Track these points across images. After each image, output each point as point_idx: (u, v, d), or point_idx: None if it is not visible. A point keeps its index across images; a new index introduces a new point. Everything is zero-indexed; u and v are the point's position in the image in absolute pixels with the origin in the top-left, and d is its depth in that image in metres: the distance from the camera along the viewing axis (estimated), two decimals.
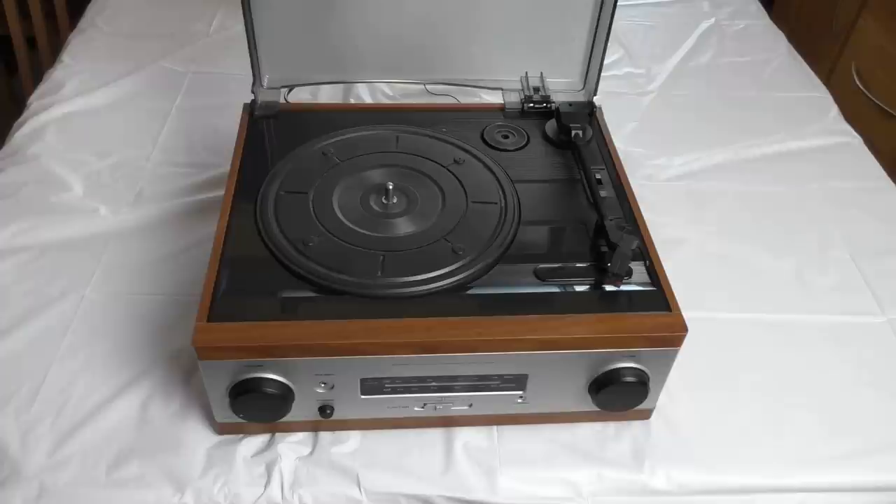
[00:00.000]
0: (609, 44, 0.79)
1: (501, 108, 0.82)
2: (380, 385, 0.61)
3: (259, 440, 0.64)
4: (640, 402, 0.63)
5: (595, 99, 0.82)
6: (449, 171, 0.73)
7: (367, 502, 0.62)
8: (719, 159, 0.97)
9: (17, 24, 1.37)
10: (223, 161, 0.82)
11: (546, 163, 0.76)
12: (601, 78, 0.81)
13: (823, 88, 1.11)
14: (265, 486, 0.61)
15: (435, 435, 0.65)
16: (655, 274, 0.63)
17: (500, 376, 0.61)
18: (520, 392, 0.63)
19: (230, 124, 0.77)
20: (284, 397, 0.59)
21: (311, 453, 0.63)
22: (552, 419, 0.66)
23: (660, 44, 1.19)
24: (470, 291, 0.62)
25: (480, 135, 0.78)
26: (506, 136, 0.78)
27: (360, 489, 0.62)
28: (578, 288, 0.62)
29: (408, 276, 0.61)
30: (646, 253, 0.65)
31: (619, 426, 0.67)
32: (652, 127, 1.02)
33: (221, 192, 0.69)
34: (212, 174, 0.89)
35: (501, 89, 0.83)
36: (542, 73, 0.84)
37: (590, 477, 0.63)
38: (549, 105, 0.82)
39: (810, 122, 1.04)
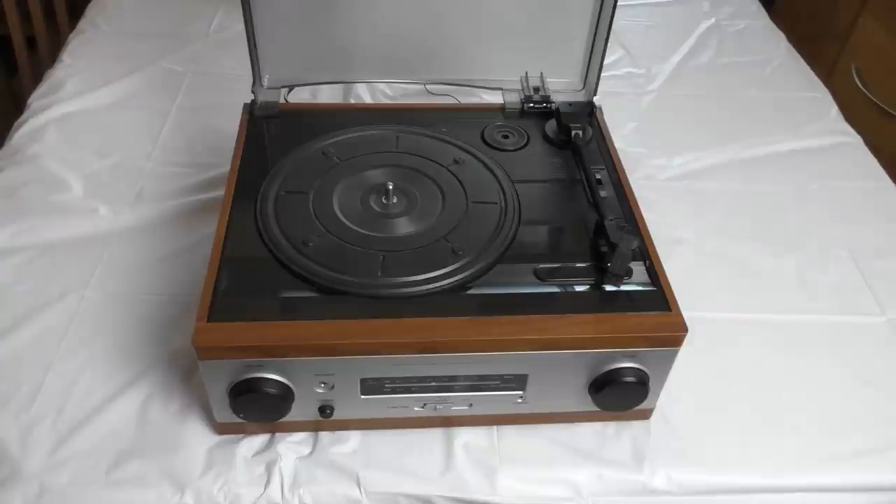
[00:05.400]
0: (609, 44, 0.79)
1: (501, 109, 0.82)
2: (380, 385, 0.61)
3: (259, 440, 0.64)
4: (640, 402, 0.63)
5: (595, 99, 0.82)
6: (449, 171, 0.73)
7: (367, 502, 0.62)
8: (719, 159, 0.97)
9: (17, 24, 1.36)
10: (223, 161, 0.82)
11: (546, 163, 0.76)
12: (601, 78, 0.81)
13: (823, 88, 1.11)
14: (265, 486, 0.61)
15: (435, 435, 0.65)
16: (655, 274, 0.63)
17: (500, 376, 0.61)
18: (520, 392, 0.63)
19: (230, 124, 0.77)
20: (284, 397, 0.59)
21: (311, 453, 0.63)
22: (552, 419, 0.66)
23: (660, 44, 1.19)
24: (470, 291, 0.62)
25: (480, 135, 0.78)
26: (506, 136, 0.78)
27: (360, 489, 0.62)
28: (578, 288, 0.62)
29: (408, 276, 0.61)
30: (646, 253, 0.65)
31: (619, 426, 0.67)
32: (652, 127, 1.02)
33: (221, 192, 0.69)
34: (212, 174, 0.89)
35: (501, 89, 0.83)
36: (542, 73, 0.84)
37: (590, 477, 0.63)
38: (549, 105, 0.82)
39: (810, 122, 1.04)
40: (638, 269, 0.63)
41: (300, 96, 0.84)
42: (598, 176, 0.71)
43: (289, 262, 0.62)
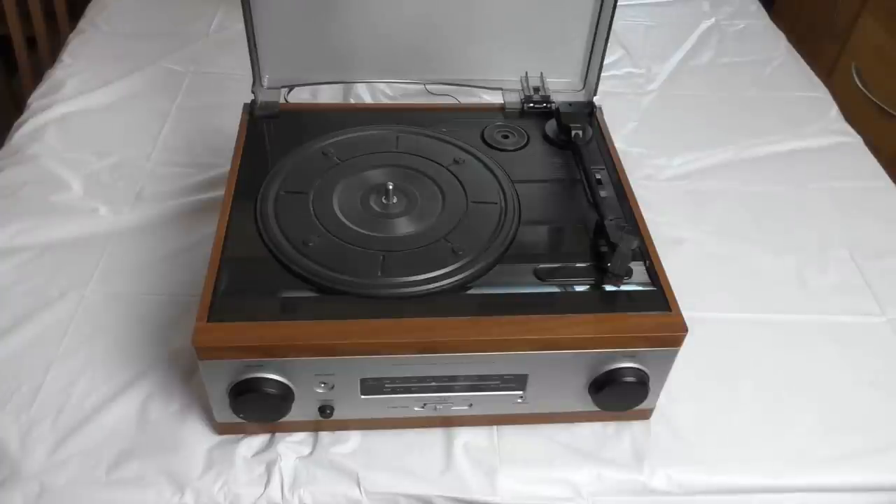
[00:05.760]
0: (609, 44, 0.79)
1: (501, 109, 0.82)
2: (380, 385, 0.61)
3: (259, 440, 0.64)
4: (640, 402, 0.63)
5: (595, 99, 0.82)
6: (449, 171, 0.73)
7: (367, 502, 0.62)
8: (719, 159, 0.97)
9: (17, 24, 1.36)
10: (223, 161, 0.82)
11: (546, 163, 0.76)
12: (601, 78, 0.81)
13: (823, 88, 1.11)
14: (265, 486, 0.61)
15: (435, 435, 0.65)
16: (655, 274, 0.63)
17: (500, 376, 0.61)
18: (520, 392, 0.63)
19: (230, 124, 0.77)
20: (284, 397, 0.59)
21: (311, 453, 0.63)
22: (552, 419, 0.66)
23: (660, 44, 1.19)
24: (470, 291, 0.62)
25: (480, 135, 0.78)
26: (506, 136, 0.78)
27: (360, 489, 0.62)
28: (578, 288, 0.62)
29: (408, 276, 0.61)
30: (646, 253, 0.65)
31: (619, 426, 0.67)
32: (652, 127, 1.02)
33: (221, 192, 0.69)
34: (212, 174, 0.89)
35: (501, 89, 0.83)
36: (542, 73, 0.84)
37: (590, 477, 0.63)
38: (549, 105, 0.82)
39: (810, 122, 1.04)
40: (638, 269, 0.63)
41: (300, 96, 0.84)
42: (598, 176, 0.71)
43: (289, 262, 0.62)
